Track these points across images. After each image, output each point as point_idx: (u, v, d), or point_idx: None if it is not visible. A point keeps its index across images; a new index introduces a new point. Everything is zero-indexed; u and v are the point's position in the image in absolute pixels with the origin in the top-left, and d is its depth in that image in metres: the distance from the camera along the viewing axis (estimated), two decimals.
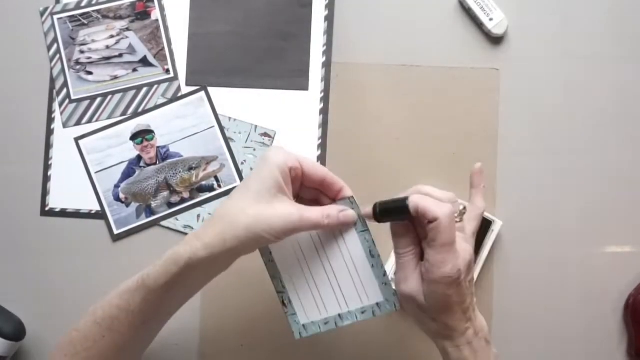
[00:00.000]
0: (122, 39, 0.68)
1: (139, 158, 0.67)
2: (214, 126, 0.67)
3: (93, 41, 0.69)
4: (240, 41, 0.68)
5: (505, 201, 0.66)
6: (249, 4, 0.68)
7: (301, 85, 0.67)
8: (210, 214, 0.66)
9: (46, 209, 0.67)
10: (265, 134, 0.67)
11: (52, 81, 0.68)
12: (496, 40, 0.67)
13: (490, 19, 0.66)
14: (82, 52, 0.68)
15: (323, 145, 0.67)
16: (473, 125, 0.67)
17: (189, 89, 0.68)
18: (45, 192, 0.67)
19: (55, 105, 0.68)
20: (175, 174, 0.67)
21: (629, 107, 0.67)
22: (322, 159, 0.67)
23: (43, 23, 0.69)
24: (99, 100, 0.68)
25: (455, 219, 0.47)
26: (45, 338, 0.66)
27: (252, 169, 0.67)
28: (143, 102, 0.68)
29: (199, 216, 0.67)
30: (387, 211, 0.48)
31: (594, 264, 0.66)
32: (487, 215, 0.63)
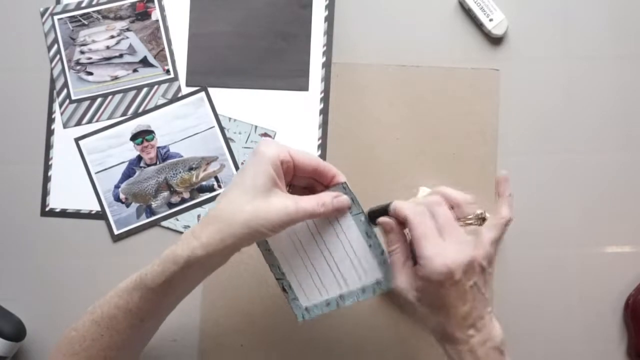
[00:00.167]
0: (123, 39, 0.69)
1: (139, 158, 0.68)
2: (214, 126, 0.67)
3: (93, 41, 0.69)
4: (240, 41, 0.68)
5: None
6: (249, 4, 0.68)
7: (301, 85, 0.67)
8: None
9: (46, 209, 0.67)
10: (266, 134, 0.67)
11: (53, 81, 0.68)
12: (496, 41, 0.67)
13: (490, 20, 0.66)
14: (83, 53, 0.69)
15: (323, 145, 0.67)
16: (473, 125, 0.66)
17: (189, 90, 0.68)
18: (45, 193, 0.67)
19: (56, 106, 0.68)
20: (176, 174, 0.67)
21: (629, 107, 0.67)
22: (322, 159, 0.66)
23: (43, 23, 0.69)
24: (99, 100, 0.68)
25: (468, 222, 0.49)
26: (45, 338, 0.66)
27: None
28: (143, 103, 0.68)
29: (199, 216, 0.67)
30: (374, 213, 0.52)
31: (593, 264, 0.66)
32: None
